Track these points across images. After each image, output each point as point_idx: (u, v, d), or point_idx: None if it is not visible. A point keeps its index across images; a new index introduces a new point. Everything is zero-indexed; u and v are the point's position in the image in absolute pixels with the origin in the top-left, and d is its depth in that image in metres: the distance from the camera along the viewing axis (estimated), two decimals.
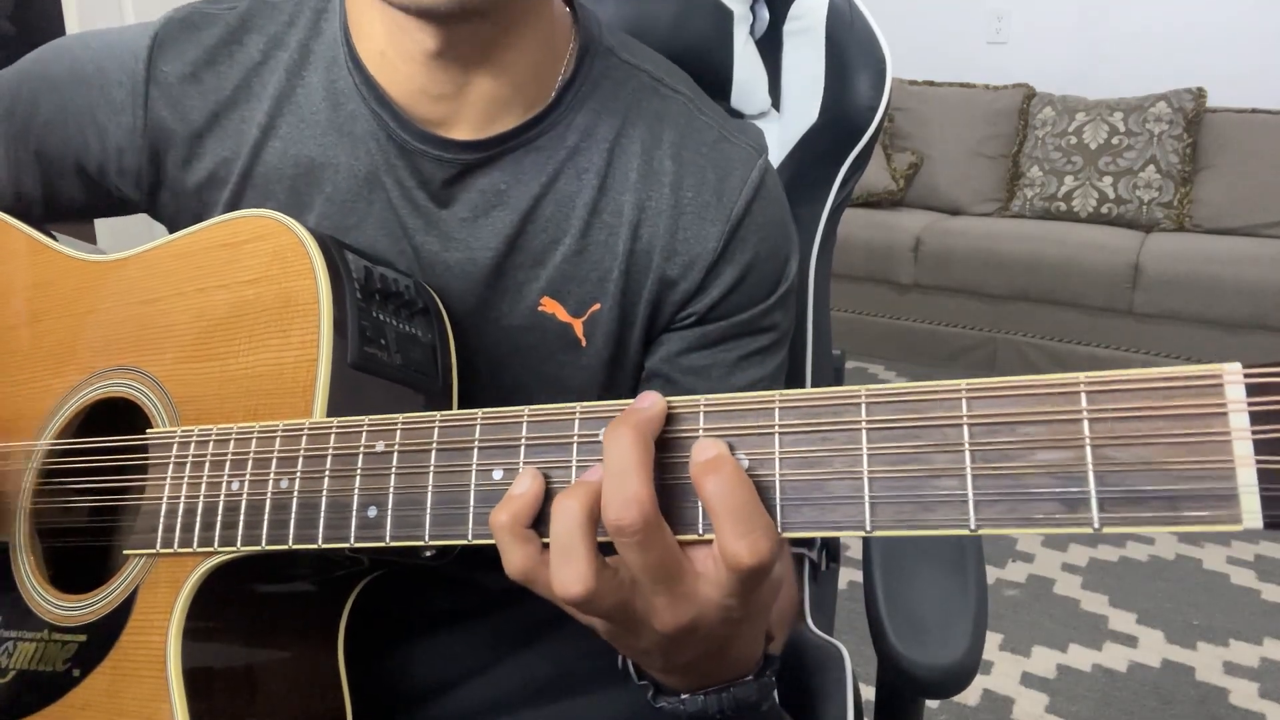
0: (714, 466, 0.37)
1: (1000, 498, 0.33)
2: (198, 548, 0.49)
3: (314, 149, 0.63)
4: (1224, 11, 3.13)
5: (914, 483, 0.34)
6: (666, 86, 0.65)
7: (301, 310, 0.52)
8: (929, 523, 0.34)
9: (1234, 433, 0.30)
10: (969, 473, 0.34)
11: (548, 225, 0.62)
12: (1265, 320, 2.67)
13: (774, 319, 0.66)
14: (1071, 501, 0.32)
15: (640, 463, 0.38)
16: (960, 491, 0.34)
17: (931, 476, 0.34)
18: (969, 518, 0.33)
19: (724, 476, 0.37)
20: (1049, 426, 0.33)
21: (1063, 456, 0.32)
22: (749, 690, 0.47)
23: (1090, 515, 0.32)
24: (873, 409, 0.36)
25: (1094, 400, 0.32)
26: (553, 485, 0.41)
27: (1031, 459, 0.33)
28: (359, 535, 0.44)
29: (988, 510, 0.33)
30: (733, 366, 0.65)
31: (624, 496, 0.37)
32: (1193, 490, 0.31)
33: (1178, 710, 1.66)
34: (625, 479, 0.37)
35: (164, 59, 0.64)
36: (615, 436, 0.38)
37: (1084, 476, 0.32)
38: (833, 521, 0.36)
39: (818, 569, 0.91)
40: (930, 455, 0.34)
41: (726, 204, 0.63)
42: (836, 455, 0.36)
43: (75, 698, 0.53)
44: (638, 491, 0.37)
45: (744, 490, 0.37)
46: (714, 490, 0.37)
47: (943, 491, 0.34)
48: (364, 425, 0.46)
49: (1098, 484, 0.32)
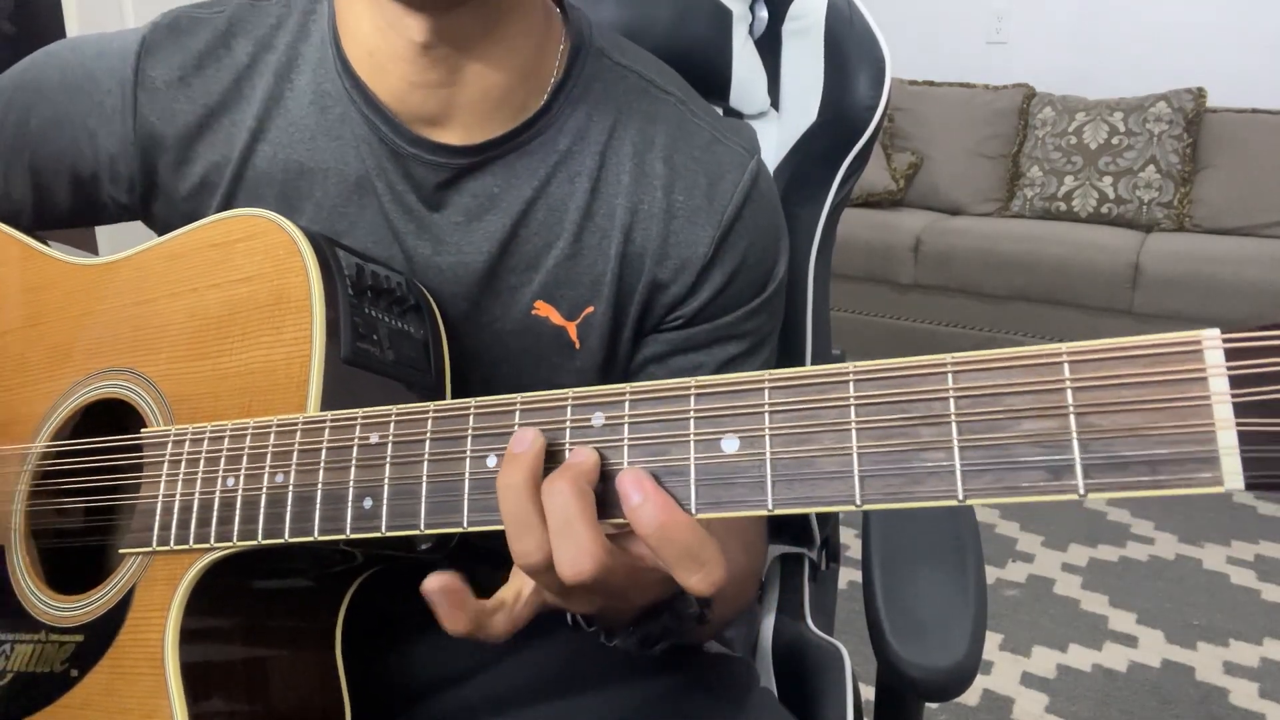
0: (654, 508, 0.38)
1: (987, 468, 0.34)
2: (194, 544, 0.49)
3: (303, 153, 0.63)
4: (1224, 11, 3.13)
5: (902, 456, 0.35)
6: (658, 88, 0.65)
7: (294, 307, 0.52)
8: (917, 495, 0.35)
9: (1214, 396, 0.30)
10: (956, 444, 0.34)
11: (540, 229, 0.62)
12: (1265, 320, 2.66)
13: (759, 321, 0.66)
14: (1056, 469, 0.33)
15: (582, 511, 0.39)
16: (948, 463, 0.34)
17: (919, 449, 0.35)
18: (957, 489, 0.34)
19: (663, 519, 0.38)
20: (1033, 396, 0.33)
21: (1047, 425, 0.33)
22: (687, 602, 0.49)
23: (1075, 482, 0.32)
24: (860, 385, 0.36)
25: (1077, 369, 0.33)
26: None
27: (1017, 429, 0.33)
28: (355, 526, 0.45)
29: (975, 480, 0.34)
30: (717, 367, 0.65)
31: (575, 550, 0.39)
32: (1175, 454, 0.31)
33: (1178, 710, 1.66)
34: (572, 530, 0.39)
35: (151, 64, 0.64)
36: (554, 491, 0.39)
37: (1068, 444, 0.32)
38: (823, 497, 0.36)
39: (818, 569, 0.91)
40: (917, 428, 0.35)
41: (718, 208, 0.63)
42: (825, 431, 0.36)
43: (74, 698, 0.53)
44: (588, 543, 0.39)
45: (686, 529, 0.38)
46: (655, 532, 0.38)
47: (930, 464, 0.35)
48: (358, 417, 0.46)
49: (1082, 451, 0.32)
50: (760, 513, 0.37)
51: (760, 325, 0.67)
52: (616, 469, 0.40)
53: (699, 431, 0.39)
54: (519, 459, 0.40)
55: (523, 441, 0.41)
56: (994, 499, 0.33)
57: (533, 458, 0.40)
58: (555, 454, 0.41)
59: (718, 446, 0.38)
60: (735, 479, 0.38)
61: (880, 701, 0.74)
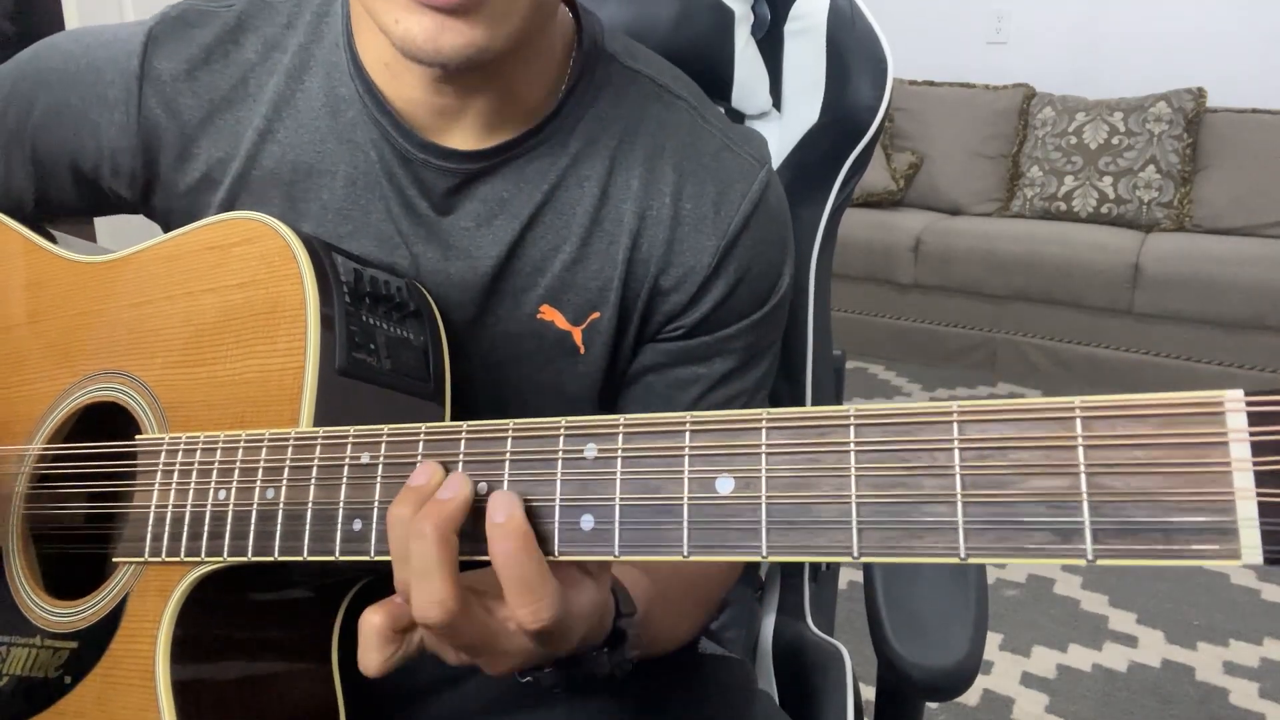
0: (505, 533, 0.39)
1: (991, 526, 0.32)
2: (185, 557, 0.49)
3: (312, 155, 0.62)
4: (1224, 11, 3.13)
5: (903, 508, 0.33)
6: (670, 93, 0.65)
7: (289, 316, 0.51)
8: (917, 550, 0.33)
9: (1234, 463, 0.29)
10: (959, 499, 0.32)
11: (548, 233, 0.62)
12: (1265, 320, 2.67)
13: (760, 333, 0.66)
14: (1065, 531, 0.31)
15: (441, 561, 0.39)
16: (950, 518, 0.32)
17: (921, 502, 0.33)
18: (958, 546, 0.32)
19: (513, 546, 0.39)
20: (1043, 452, 0.31)
21: (1056, 484, 0.31)
22: (600, 663, 0.49)
23: (1084, 546, 0.31)
24: (861, 430, 0.34)
25: (1090, 426, 0.31)
26: (533, 502, 0.40)
27: (1024, 486, 0.32)
28: (344, 549, 0.44)
29: (978, 539, 0.32)
30: (715, 379, 0.65)
31: (428, 598, 0.39)
32: (1191, 523, 0.29)
33: (1178, 710, 1.66)
34: (429, 579, 0.39)
35: (158, 56, 0.63)
36: (418, 534, 0.39)
37: (1078, 506, 0.31)
38: (819, 546, 0.34)
39: (818, 569, 0.91)
40: (920, 479, 0.33)
41: (724, 218, 0.62)
42: (824, 477, 0.35)
43: (67, 705, 0.52)
44: (440, 593, 0.39)
45: (531, 563, 0.39)
46: (502, 556, 0.39)
47: (931, 518, 0.33)
48: (349, 436, 0.45)
49: (1092, 514, 0.31)
50: (753, 559, 0.36)
51: (760, 338, 0.66)
52: (597, 503, 0.39)
53: (694, 469, 0.37)
54: (414, 492, 0.41)
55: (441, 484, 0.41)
56: (997, 559, 0.32)
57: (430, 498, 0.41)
58: (544, 482, 0.40)
59: (712, 486, 0.37)
60: (729, 522, 0.36)
61: (880, 701, 0.74)
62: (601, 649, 0.49)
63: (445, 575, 0.39)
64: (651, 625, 0.53)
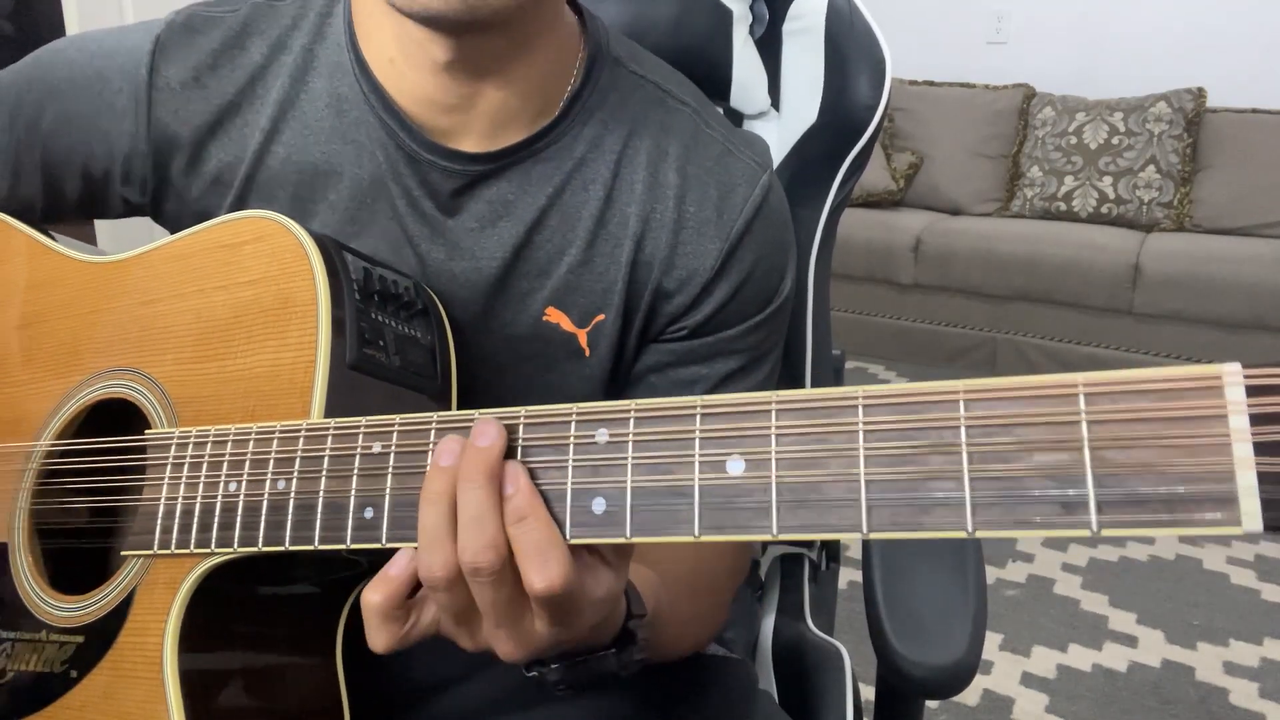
0: (523, 501, 0.40)
1: (997, 500, 0.33)
2: (195, 549, 0.49)
3: (318, 155, 0.63)
4: (1224, 11, 3.13)
5: (911, 485, 0.34)
6: (674, 98, 0.65)
7: (300, 311, 0.52)
8: (925, 525, 0.34)
9: (1234, 435, 0.30)
10: (966, 475, 0.33)
11: (553, 236, 0.62)
12: (1265, 320, 2.67)
13: (762, 335, 0.66)
14: (1069, 504, 0.32)
15: (494, 504, 0.40)
16: (957, 494, 0.33)
17: (928, 479, 0.34)
18: (966, 520, 0.33)
19: (523, 502, 0.40)
20: (1047, 429, 0.32)
21: (1060, 459, 0.32)
22: (607, 663, 0.49)
23: (1088, 518, 0.31)
24: (870, 410, 0.35)
25: (1092, 402, 0.32)
26: (544, 486, 0.41)
27: (1029, 461, 0.32)
28: (355, 536, 0.44)
29: (985, 513, 0.33)
30: (717, 380, 0.65)
31: (482, 543, 0.40)
32: (1192, 493, 0.30)
33: (1178, 710, 1.66)
34: (481, 523, 0.40)
35: (166, 64, 0.63)
36: (467, 481, 0.40)
37: (1082, 479, 0.32)
38: (829, 524, 0.35)
39: (818, 569, 0.91)
40: (927, 457, 0.34)
41: (727, 222, 0.63)
42: (833, 457, 0.36)
43: (73, 699, 0.53)
44: (494, 535, 0.40)
45: (541, 525, 0.40)
46: (513, 515, 0.40)
47: (939, 494, 0.34)
48: (361, 426, 0.46)
49: (1096, 486, 0.31)
50: (764, 538, 0.36)
51: (763, 341, 0.67)
52: (609, 486, 0.39)
53: (704, 452, 0.38)
54: (449, 455, 0.41)
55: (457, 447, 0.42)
56: (1004, 532, 0.32)
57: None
58: (555, 468, 0.41)
59: (723, 468, 0.37)
60: (740, 503, 0.37)
61: (880, 701, 0.74)
62: (609, 649, 0.49)
63: (497, 517, 0.40)
64: (659, 631, 0.54)
